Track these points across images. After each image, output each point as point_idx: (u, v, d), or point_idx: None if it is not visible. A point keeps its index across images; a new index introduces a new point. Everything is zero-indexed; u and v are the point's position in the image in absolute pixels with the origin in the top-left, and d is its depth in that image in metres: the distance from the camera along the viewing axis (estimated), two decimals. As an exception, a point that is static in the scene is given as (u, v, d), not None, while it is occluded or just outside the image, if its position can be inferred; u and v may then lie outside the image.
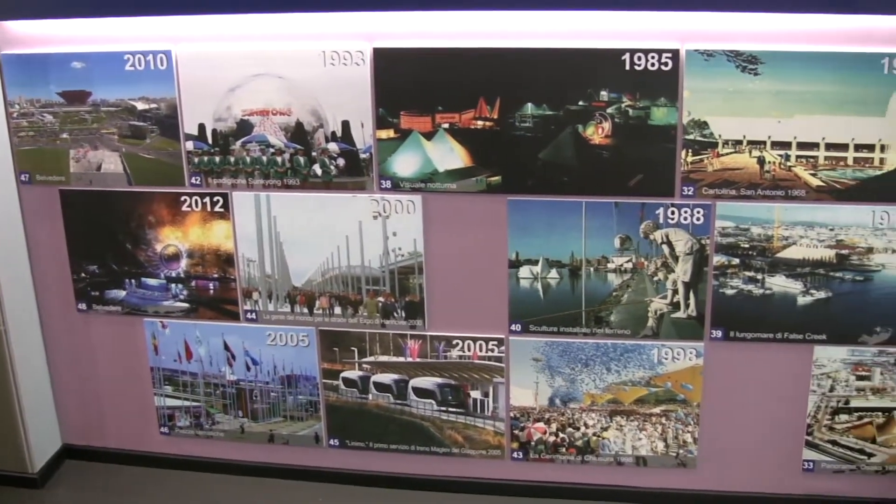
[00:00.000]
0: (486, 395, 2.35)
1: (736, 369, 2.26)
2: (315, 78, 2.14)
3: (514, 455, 2.39)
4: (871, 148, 2.07)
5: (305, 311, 2.34)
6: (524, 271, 2.23)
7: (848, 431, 2.30)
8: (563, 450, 2.38)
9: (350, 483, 2.47)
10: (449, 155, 2.16)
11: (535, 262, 2.22)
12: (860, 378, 2.25)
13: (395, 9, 2.05)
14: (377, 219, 2.23)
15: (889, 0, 1.94)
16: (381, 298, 2.30)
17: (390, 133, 2.17)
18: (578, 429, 2.35)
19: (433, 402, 2.36)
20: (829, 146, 2.08)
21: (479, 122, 2.13)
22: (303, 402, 2.43)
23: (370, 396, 2.39)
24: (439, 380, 2.35)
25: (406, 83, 2.13)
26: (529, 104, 2.11)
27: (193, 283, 2.37)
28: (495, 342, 2.30)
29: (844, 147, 2.07)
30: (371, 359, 2.36)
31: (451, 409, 2.37)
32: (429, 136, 2.16)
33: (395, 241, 2.25)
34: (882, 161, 2.07)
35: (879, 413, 2.28)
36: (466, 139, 2.15)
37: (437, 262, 2.26)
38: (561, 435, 2.36)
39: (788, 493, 2.35)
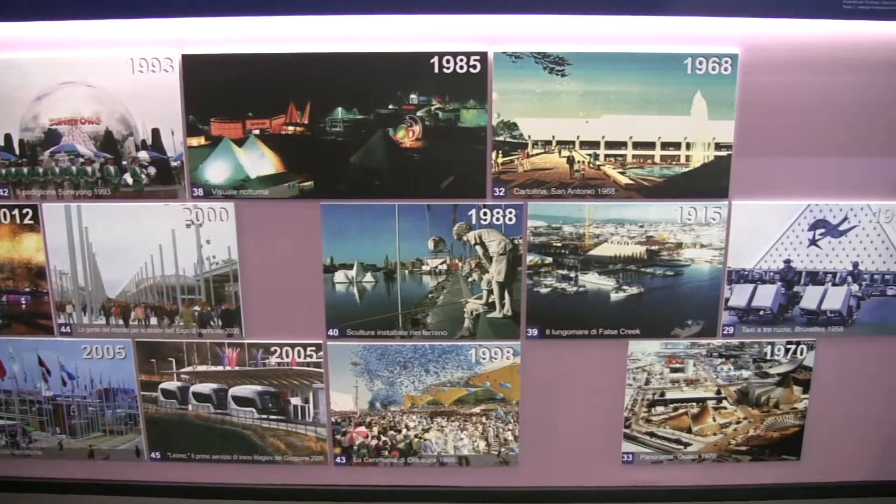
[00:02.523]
0: (306, 401, 2.33)
1: (553, 366, 2.29)
2: (124, 85, 2.11)
3: (338, 460, 2.39)
4: (677, 146, 2.13)
5: (121, 322, 2.29)
6: (339, 276, 2.23)
7: (664, 423, 2.35)
8: (386, 453, 2.38)
9: (172, 496, 2.43)
10: (260, 161, 2.15)
11: (350, 267, 2.22)
12: (674, 370, 2.31)
13: (203, 14, 2.02)
14: (190, 227, 2.21)
15: (690, 3, 1.99)
16: (196, 307, 2.27)
17: (201, 140, 2.14)
18: (400, 431, 2.35)
19: (254, 410, 2.34)
20: (636, 145, 2.13)
21: (290, 128, 2.12)
22: (122, 416, 2.38)
23: (190, 407, 2.36)
24: (259, 387, 2.32)
25: (216, 89, 2.11)
26: (340, 109, 2.10)
27: (4, 298, 2.30)
28: (313, 348, 2.29)
29: (651, 145, 2.13)
30: (189, 369, 2.32)
31: (271, 417, 2.35)
32: (240, 142, 2.14)
33: (209, 249, 2.23)
34: (688, 158, 2.13)
35: (694, 403, 2.34)
36: (278, 145, 2.14)
37: (252, 270, 2.24)
38: (383, 438, 2.36)
39: (610, 486, 2.40)
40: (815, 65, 2.08)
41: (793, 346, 2.30)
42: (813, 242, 2.22)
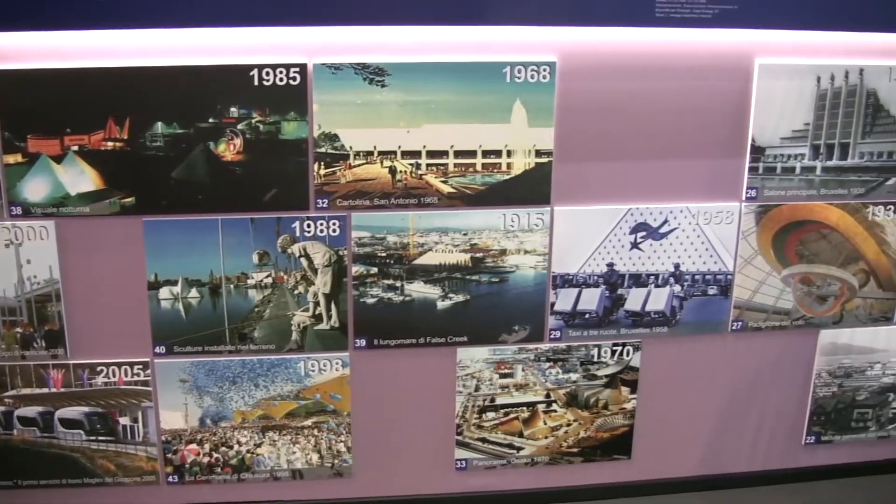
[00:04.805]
0: (135, 420, 2.30)
1: (383, 376, 2.31)
2: (-64, 104, 2.06)
3: (170, 479, 2.36)
4: (498, 154, 2.17)
5: (-60, 347, 2.23)
6: (164, 292, 2.20)
7: (496, 428, 2.38)
8: (219, 469, 2.35)
9: (-1, 524, 2.37)
10: (80, 178, 2.12)
11: (175, 283, 2.20)
12: (503, 376, 2.34)
13: (16, 29, 1.99)
14: (9, 247, 2.16)
15: (507, 13, 2.04)
16: (18, 329, 2.22)
17: (18, 157, 2.10)
18: (232, 447, 2.34)
19: (82, 431, 2.29)
20: (458, 153, 2.16)
21: (110, 144, 2.10)
22: (-57, 444, 2.31)
23: (15, 432, 2.29)
24: (86, 408, 2.28)
25: (32, 105, 2.07)
26: (159, 123, 2.09)
27: None
28: (140, 366, 2.26)
29: (473, 154, 2.16)
30: (13, 392, 2.27)
31: (100, 438, 2.31)
32: (58, 159, 2.10)
33: (29, 268, 2.18)
34: (509, 166, 2.17)
35: (524, 408, 2.37)
36: (97, 161, 2.11)
37: (75, 288, 2.20)
38: (215, 455, 2.34)
39: (444, 493, 2.42)
40: (630, 71, 2.15)
41: (619, 348, 2.35)
42: (635, 245, 2.28)
